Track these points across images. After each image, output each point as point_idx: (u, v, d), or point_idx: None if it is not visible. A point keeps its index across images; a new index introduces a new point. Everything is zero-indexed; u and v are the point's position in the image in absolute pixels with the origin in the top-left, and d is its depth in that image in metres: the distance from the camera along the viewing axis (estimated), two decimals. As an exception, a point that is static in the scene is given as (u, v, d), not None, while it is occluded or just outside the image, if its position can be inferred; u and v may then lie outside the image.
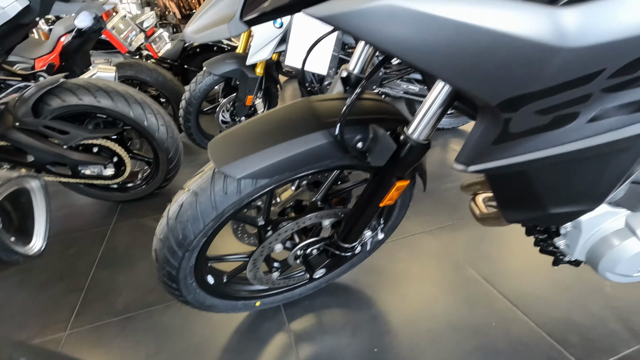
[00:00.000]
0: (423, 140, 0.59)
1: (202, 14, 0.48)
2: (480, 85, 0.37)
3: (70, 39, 2.12)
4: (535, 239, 0.79)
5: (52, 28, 2.04)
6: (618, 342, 0.91)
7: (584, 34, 0.32)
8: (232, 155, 0.59)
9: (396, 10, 0.35)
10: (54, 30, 2.06)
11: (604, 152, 0.42)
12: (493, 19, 0.33)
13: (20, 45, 1.85)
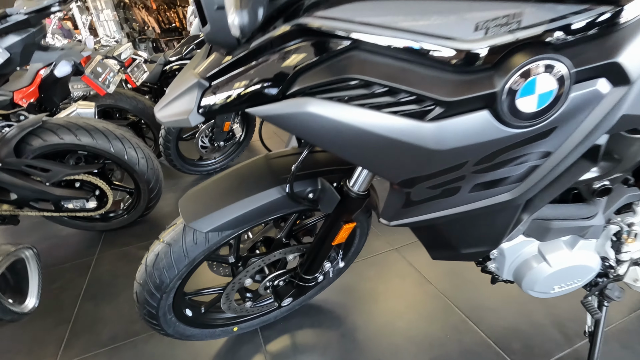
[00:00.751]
0: (362, 192, 0.70)
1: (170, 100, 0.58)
2: (382, 170, 0.49)
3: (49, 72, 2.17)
4: (475, 262, 0.92)
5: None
6: (554, 346, 1.03)
7: (444, 141, 0.43)
8: (200, 211, 0.69)
9: (314, 116, 0.46)
10: (32, 64, 2.12)
11: (488, 211, 0.54)
12: (384, 128, 0.44)
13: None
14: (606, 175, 0.67)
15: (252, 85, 0.47)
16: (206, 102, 0.50)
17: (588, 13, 0.39)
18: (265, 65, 0.46)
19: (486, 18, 0.40)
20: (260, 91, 0.47)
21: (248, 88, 0.47)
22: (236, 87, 0.48)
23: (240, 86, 0.47)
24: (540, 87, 0.39)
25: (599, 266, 0.81)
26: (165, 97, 0.57)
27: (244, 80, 0.47)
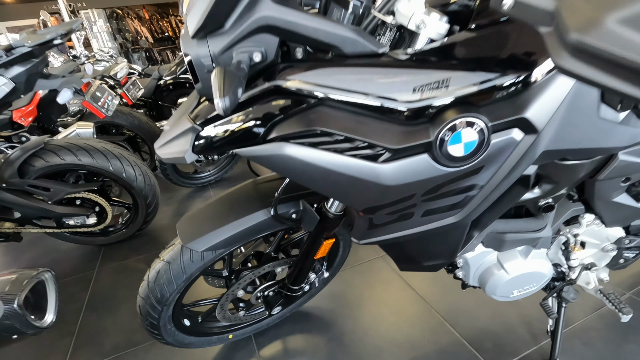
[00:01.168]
0: (339, 212, 0.80)
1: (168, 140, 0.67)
2: (347, 200, 0.59)
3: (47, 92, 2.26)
4: (446, 270, 1.01)
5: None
6: (521, 344, 1.13)
7: (394, 178, 0.53)
8: (195, 233, 0.78)
9: (288, 158, 0.55)
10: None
11: (440, 230, 0.63)
12: (346, 168, 0.54)
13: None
14: (548, 195, 0.77)
15: (238, 131, 0.56)
16: (199, 143, 0.59)
17: (502, 78, 0.50)
18: (249, 115, 0.56)
19: (422, 83, 0.50)
20: (245, 136, 0.57)
21: (234, 134, 0.57)
22: (224, 133, 0.57)
23: (227, 132, 0.57)
24: (465, 137, 0.49)
25: (551, 272, 0.91)
26: (164, 136, 0.67)
27: (231, 127, 0.57)
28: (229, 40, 0.51)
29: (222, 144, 0.58)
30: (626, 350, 1.07)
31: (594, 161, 0.72)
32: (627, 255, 0.95)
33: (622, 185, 0.80)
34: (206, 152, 0.60)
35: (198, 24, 0.49)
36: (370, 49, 0.52)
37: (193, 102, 0.67)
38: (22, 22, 10.27)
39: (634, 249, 0.94)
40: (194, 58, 0.53)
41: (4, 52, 1.29)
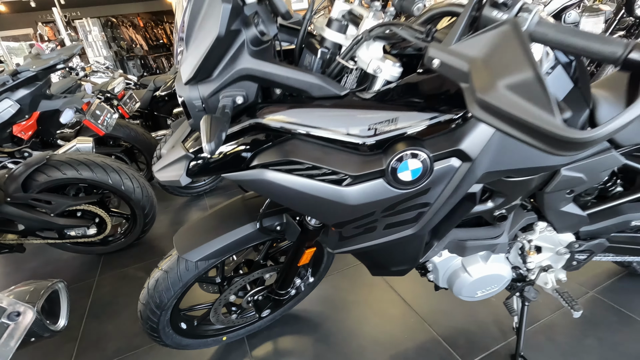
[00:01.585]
0: (317, 224, 0.90)
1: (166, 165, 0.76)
2: (318, 216, 0.69)
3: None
4: (419, 274, 1.12)
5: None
6: (491, 340, 1.24)
7: (356, 199, 0.63)
8: (190, 245, 0.88)
9: (268, 182, 0.65)
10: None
11: (401, 241, 0.74)
12: (316, 190, 0.64)
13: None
14: (501, 207, 0.88)
15: (225, 159, 0.67)
16: (192, 169, 0.69)
17: (441, 117, 0.60)
18: (234, 146, 0.66)
19: (375, 120, 0.61)
20: (231, 164, 0.67)
21: (222, 162, 0.67)
22: (213, 161, 0.67)
23: (216, 160, 0.67)
24: (411, 166, 0.60)
25: (510, 274, 1.02)
26: (163, 161, 0.77)
27: (219, 156, 0.67)
28: (215, 87, 0.62)
29: (211, 169, 0.68)
30: (584, 344, 1.18)
31: (540, 177, 0.83)
32: (578, 258, 1.06)
33: (567, 197, 0.91)
34: (198, 176, 0.70)
35: (190, 75, 0.59)
36: (334, 92, 0.63)
37: (186, 130, 0.77)
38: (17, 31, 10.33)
39: (584, 252, 1.04)
40: (186, 100, 0.64)
41: (10, 76, 1.39)
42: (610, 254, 1.12)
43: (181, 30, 0.60)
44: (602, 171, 0.87)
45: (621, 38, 0.47)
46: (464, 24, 0.51)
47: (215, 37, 0.54)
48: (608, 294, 1.36)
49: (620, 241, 1.06)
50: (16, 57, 11.22)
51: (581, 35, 0.47)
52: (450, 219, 0.77)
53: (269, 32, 0.62)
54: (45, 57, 1.46)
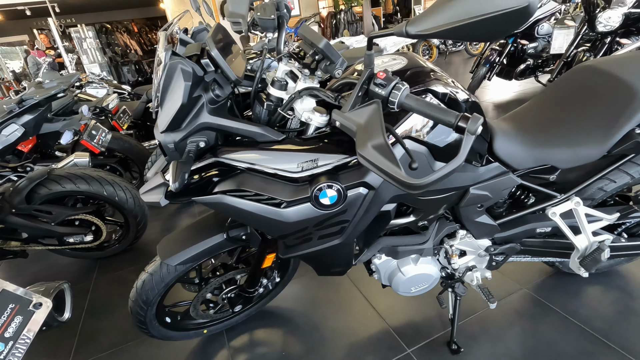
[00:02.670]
0: (275, 234, 1.10)
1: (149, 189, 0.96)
2: (266, 231, 0.90)
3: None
4: (368, 272, 1.33)
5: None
6: (433, 330, 1.45)
7: (292, 218, 0.84)
8: (170, 252, 1.08)
9: (226, 204, 0.86)
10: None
11: (333, 248, 0.95)
12: (262, 211, 0.85)
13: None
14: (422, 219, 1.10)
15: (194, 187, 0.87)
16: (169, 194, 0.90)
17: (351, 157, 0.81)
18: (201, 178, 0.87)
19: (303, 160, 0.82)
20: (199, 190, 0.88)
21: (192, 189, 0.87)
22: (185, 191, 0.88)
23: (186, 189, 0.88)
24: (329, 194, 0.81)
25: (437, 274, 1.23)
26: (147, 185, 0.97)
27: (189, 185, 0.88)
28: (183, 135, 0.82)
29: (183, 195, 0.89)
30: (510, 332, 1.39)
31: (453, 195, 1.05)
32: (496, 259, 1.27)
33: (479, 210, 1.13)
34: (174, 199, 0.91)
35: (164, 127, 0.80)
36: (273, 138, 0.84)
37: (164, 162, 0.98)
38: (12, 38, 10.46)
39: (500, 255, 1.26)
40: (162, 143, 0.84)
41: (17, 104, 1.58)
42: (527, 255, 1.33)
43: (157, 92, 0.81)
44: (503, 190, 1.08)
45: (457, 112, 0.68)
46: (355, 96, 0.72)
47: (180, 105, 0.75)
48: (537, 290, 1.57)
49: (532, 245, 1.28)
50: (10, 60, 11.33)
51: (431, 107, 0.68)
52: (373, 231, 0.98)
53: (223, 94, 0.83)
54: (47, 87, 1.65)
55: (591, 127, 1.03)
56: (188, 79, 0.74)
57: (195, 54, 0.82)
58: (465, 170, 1.00)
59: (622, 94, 1.00)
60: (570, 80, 1.16)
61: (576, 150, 1.02)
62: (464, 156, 0.61)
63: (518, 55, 4.73)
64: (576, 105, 1.09)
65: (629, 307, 1.42)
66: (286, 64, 0.90)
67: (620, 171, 1.20)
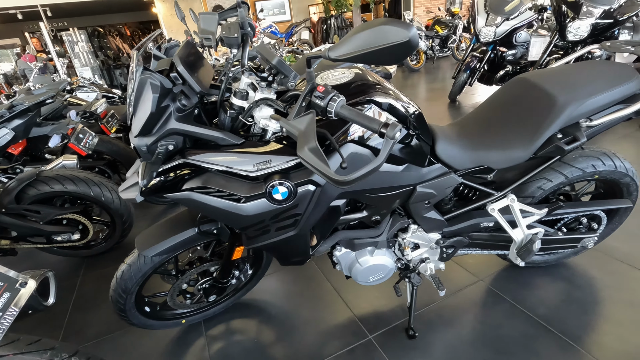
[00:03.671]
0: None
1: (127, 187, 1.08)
2: (230, 223, 1.02)
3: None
4: (332, 264, 1.45)
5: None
6: (394, 317, 1.57)
7: (250, 211, 0.96)
8: (147, 244, 1.19)
9: (194, 200, 0.98)
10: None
11: (291, 239, 1.07)
12: (224, 205, 0.97)
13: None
14: (374, 215, 1.22)
15: (165, 185, 0.99)
16: (144, 192, 1.02)
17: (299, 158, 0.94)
18: (171, 176, 0.99)
19: (258, 161, 0.94)
20: (169, 188, 0.99)
21: (163, 186, 0.99)
22: (155, 187, 1.00)
23: (159, 186, 1.00)
24: (281, 190, 0.93)
25: (392, 265, 1.36)
26: (125, 184, 1.09)
27: (161, 184, 1.00)
28: (154, 139, 0.94)
29: (156, 192, 1.01)
30: (462, 320, 1.52)
31: (402, 192, 1.18)
32: (447, 251, 1.40)
33: (426, 206, 1.26)
34: (149, 196, 1.02)
35: (137, 132, 0.92)
36: (233, 142, 0.96)
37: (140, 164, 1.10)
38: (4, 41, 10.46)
39: (450, 247, 1.39)
40: (136, 146, 0.96)
41: (7, 110, 1.68)
42: (477, 248, 1.47)
43: (130, 101, 0.93)
44: (446, 188, 1.21)
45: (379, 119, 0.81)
46: (299, 106, 0.85)
47: (149, 114, 0.87)
48: (492, 281, 1.71)
49: (479, 238, 1.42)
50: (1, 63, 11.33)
51: (361, 116, 0.81)
52: (327, 223, 1.11)
53: (190, 103, 0.95)
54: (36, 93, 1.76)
55: (519, 132, 1.17)
56: (156, 91, 0.86)
57: (165, 69, 0.94)
58: (410, 170, 1.13)
59: (545, 103, 1.14)
60: (508, 90, 1.30)
61: (507, 153, 1.16)
62: (382, 158, 0.74)
63: (498, 61, 4.91)
64: (509, 113, 1.23)
65: (571, 296, 1.56)
66: (248, 76, 1.03)
67: (555, 171, 1.35)
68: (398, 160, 1.08)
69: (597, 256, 1.77)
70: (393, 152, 1.07)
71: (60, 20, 10.53)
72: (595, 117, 1.13)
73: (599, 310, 1.47)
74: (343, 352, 1.44)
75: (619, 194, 1.49)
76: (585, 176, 1.35)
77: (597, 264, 1.72)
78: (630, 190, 1.45)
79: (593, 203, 1.42)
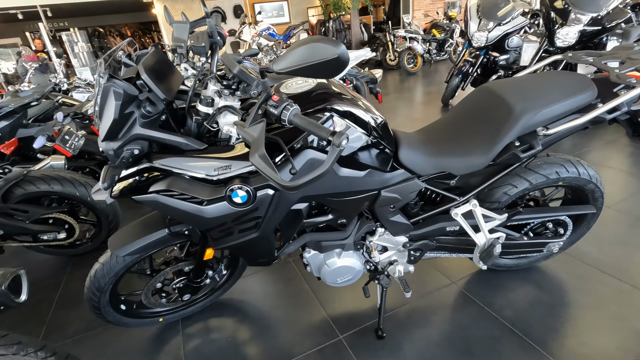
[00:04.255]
0: (212, 230, 1.26)
1: (98, 189, 1.13)
2: (193, 225, 1.06)
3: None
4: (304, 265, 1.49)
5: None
6: (366, 318, 1.61)
7: (212, 214, 1.00)
8: (119, 244, 1.23)
9: (160, 203, 1.02)
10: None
11: (254, 241, 1.11)
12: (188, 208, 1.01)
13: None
14: (340, 218, 1.26)
15: (133, 188, 1.04)
16: (113, 194, 1.06)
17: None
18: (139, 179, 1.03)
19: (219, 165, 0.98)
20: (137, 190, 1.04)
21: (131, 188, 1.04)
22: (126, 188, 1.04)
23: (127, 188, 1.04)
24: (240, 194, 0.97)
25: (360, 266, 1.39)
26: (97, 186, 1.13)
27: (128, 186, 1.04)
28: (120, 144, 0.99)
29: (125, 194, 1.05)
30: (431, 320, 1.56)
31: (367, 196, 1.22)
32: (415, 254, 1.44)
33: (392, 210, 1.30)
34: (118, 197, 1.07)
35: (103, 137, 0.96)
36: (196, 147, 1.01)
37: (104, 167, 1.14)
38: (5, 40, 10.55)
39: (417, 250, 1.43)
40: (104, 150, 1.00)
41: (-7, 111, 1.73)
42: (445, 251, 1.51)
43: (96, 107, 0.97)
44: (410, 193, 1.25)
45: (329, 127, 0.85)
46: (255, 114, 0.89)
47: (112, 120, 0.91)
48: (465, 284, 1.75)
49: (447, 242, 1.45)
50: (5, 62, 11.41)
51: (311, 124, 0.85)
52: (291, 227, 1.15)
53: (155, 110, 0.99)
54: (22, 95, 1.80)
55: (479, 140, 1.21)
56: (119, 99, 0.90)
57: (131, 77, 0.98)
58: (373, 175, 1.17)
59: (503, 112, 1.18)
60: (472, 99, 1.34)
61: (467, 160, 1.20)
62: (328, 165, 0.78)
63: (490, 66, 4.95)
64: (471, 121, 1.27)
65: (539, 299, 1.60)
66: (214, 84, 1.07)
67: (520, 177, 1.39)
68: (360, 166, 1.12)
69: (568, 260, 1.81)
70: (355, 157, 1.11)
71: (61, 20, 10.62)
72: (551, 126, 1.17)
73: (564, 314, 1.51)
74: (313, 351, 1.48)
75: (585, 200, 1.52)
76: (549, 182, 1.39)
77: (567, 268, 1.76)
78: (595, 197, 1.49)
79: (555, 209, 1.46)
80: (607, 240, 1.91)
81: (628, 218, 2.09)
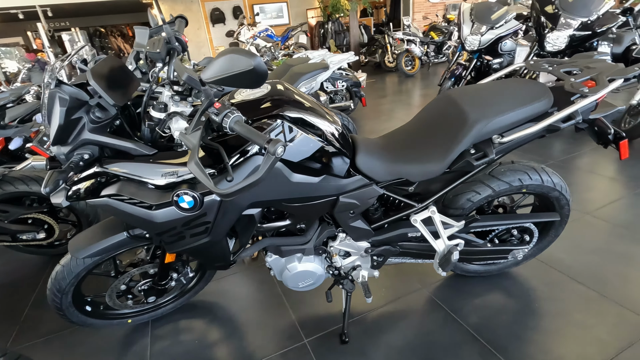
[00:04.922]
0: (172, 233, 1.28)
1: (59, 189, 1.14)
2: (144, 229, 1.07)
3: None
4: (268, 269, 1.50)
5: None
6: (332, 323, 1.61)
7: (160, 218, 1.02)
8: (79, 247, 1.25)
9: (112, 207, 1.04)
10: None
11: (208, 245, 1.12)
12: (137, 212, 1.02)
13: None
14: (297, 223, 1.27)
15: (86, 192, 1.05)
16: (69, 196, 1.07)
17: (207, 170, 0.99)
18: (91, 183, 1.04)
19: (167, 171, 0.99)
20: (90, 194, 1.05)
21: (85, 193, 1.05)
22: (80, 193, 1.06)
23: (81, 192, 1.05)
24: (187, 199, 0.98)
25: (321, 271, 1.40)
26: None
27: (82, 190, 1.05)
28: (70, 148, 1.00)
29: (80, 197, 1.06)
30: (397, 326, 1.56)
31: (325, 202, 1.22)
32: (377, 260, 1.45)
33: (352, 215, 1.30)
34: (73, 201, 1.08)
35: (52, 142, 0.98)
36: (145, 153, 1.02)
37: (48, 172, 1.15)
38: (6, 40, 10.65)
39: (380, 255, 1.43)
40: (56, 154, 1.02)
41: (-32, 113, 1.76)
42: (408, 257, 1.51)
43: (44, 112, 0.98)
44: (369, 199, 1.26)
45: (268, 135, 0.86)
46: (197, 121, 0.90)
47: (58, 125, 0.92)
48: (434, 289, 1.75)
49: (409, 247, 1.46)
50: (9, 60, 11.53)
51: (251, 132, 0.86)
52: (247, 232, 1.16)
53: (106, 115, 1.00)
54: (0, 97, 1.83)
55: (435, 147, 1.21)
56: (64, 104, 0.92)
57: (83, 82, 1.00)
58: (329, 181, 1.17)
59: (459, 120, 1.18)
60: (433, 106, 1.34)
61: (423, 166, 1.21)
62: (262, 172, 0.79)
63: (484, 69, 4.94)
64: (430, 128, 1.27)
65: (505, 306, 1.60)
66: (168, 90, 1.08)
67: (484, 184, 1.39)
68: (314, 172, 1.13)
69: (539, 267, 1.80)
70: (309, 164, 1.12)
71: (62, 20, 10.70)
72: (506, 134, 1.17)
73: (529, 321, 1.51)
74: (276, 354, 1.49)
75: (551, 208, 1.52)
76: (512, 189, 1.39)
77: (538, 274, 1.76)
78: (561, 204, 1.49)
79: (518, 216, 1.46)
80: (582, 248, 1.91)
81: (606, 225, 2.08)
